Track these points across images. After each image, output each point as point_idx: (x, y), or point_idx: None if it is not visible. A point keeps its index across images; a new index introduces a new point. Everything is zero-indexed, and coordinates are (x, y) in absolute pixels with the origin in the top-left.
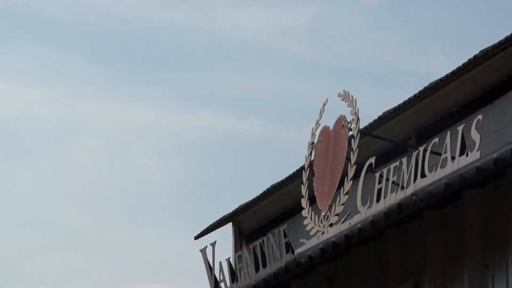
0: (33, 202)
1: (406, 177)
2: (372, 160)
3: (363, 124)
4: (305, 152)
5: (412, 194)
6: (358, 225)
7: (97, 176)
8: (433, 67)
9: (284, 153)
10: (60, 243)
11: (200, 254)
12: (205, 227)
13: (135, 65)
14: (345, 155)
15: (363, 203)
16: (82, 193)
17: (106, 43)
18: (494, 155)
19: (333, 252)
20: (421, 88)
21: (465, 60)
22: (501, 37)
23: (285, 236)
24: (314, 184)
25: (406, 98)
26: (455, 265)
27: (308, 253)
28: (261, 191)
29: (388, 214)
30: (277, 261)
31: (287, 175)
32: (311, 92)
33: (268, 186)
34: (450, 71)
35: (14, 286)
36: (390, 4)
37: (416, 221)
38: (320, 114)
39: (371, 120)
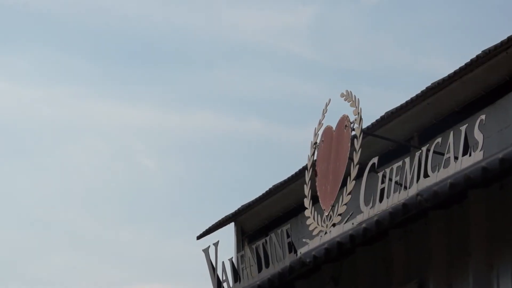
0: (33, 202)
1: (409, 177)
2: (375, 160)
3: (364, 124)
4: (307, 152)
5: (417, 194)
6: (363, 225)
7: (97, 176)
8: (433, 67)
9: (284, 152)
10: (60, 243)
11: (201, 254)
12: (207, 227)
13: (135, 65)
14: (348, 155)
15: (366, 203)
16: (82, 193)
17: (106, 43)
18: (500, 155)
19: (338, 252)
20: (422, 88)
21: (466, 60)
22: (503, 37)
23: (288, 236)
24: (317, 184)
25: (406, 98)
26: (460, 265)
27: (313, 253)
28: (263, 191)
29: (393, 214)
30: (280, 261)
31: (288, 175)
32: (311, 92)
33: (269, 186)
34: (451, 71)
35: (14, 286)
36: (390, 4)
37: (421, 221)
38: (323, 114)
39: (372, 120)
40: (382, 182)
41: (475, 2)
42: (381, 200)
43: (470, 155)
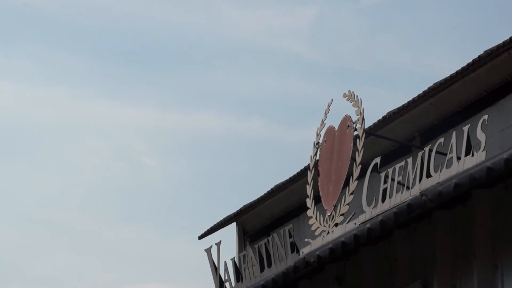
0: (33, 202)
1: (411, 177)
2: (377, 160)
3: (367, 124)
4: (308, 151)
5: (422, 194)
6: (368, 225)
7: (97, 176)
8: (434, 67)
9: (285, 152)
10: (60, 243)
11: (203, 254)
12: (208, 227)
13: (135, 65)
14: (350, 155)
15: (368, 203)
16: (82, 193)
17: (106, 43)
18: (504, 155)
19: (342, 252)
20: (424, 88)
21: (467, 60)
22: (505, 37)
23: (290, 236)
24: (319, 184)
25: (408, 98)
26: (464, 265)
27: (317, 253)
28: (265, 191)
29: (398, 214)
30: (282, 261)
31: (289, 174)
32: (311, 92)
33: (271, 185)
34: (451, 71)
35: (14, 286)
36: (390, 4)
37: (425, 221)
38: (325, 114)
39: (374, 120)
40: (385, 182)
41: (475, 2)
42: (383, 200)
43: (472, 155)
